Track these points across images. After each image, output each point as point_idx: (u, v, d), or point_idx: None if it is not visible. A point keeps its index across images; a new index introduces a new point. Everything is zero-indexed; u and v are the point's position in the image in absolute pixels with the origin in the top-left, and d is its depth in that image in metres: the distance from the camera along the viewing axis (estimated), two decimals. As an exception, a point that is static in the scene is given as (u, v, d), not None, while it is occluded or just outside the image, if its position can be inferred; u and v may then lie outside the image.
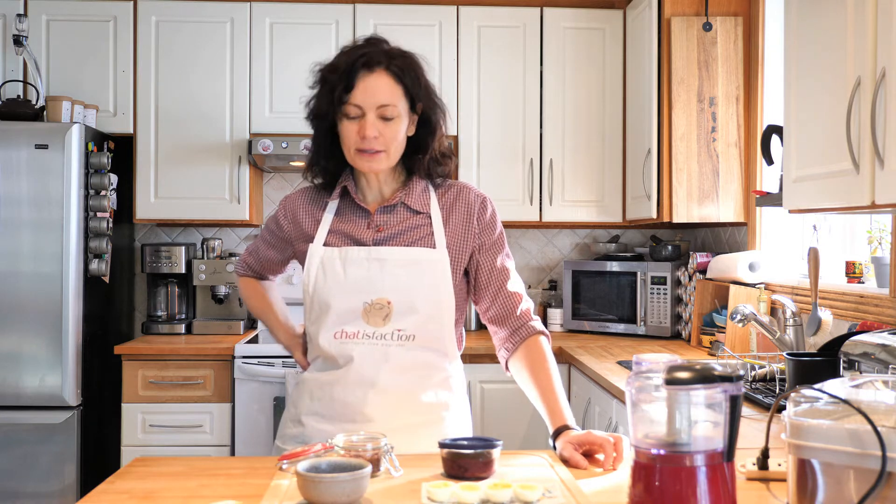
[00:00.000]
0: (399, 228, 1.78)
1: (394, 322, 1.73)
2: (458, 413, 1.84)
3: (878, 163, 1.82)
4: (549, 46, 3.87)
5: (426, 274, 1.75)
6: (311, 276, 1.78)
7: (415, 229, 1.78)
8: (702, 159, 3.42)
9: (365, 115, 1.70)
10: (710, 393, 1.12)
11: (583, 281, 3.94)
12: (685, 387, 1.11)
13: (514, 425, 3.49)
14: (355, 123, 1.71)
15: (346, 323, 1.74)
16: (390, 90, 1.71)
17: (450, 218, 1.81)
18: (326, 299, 1.75)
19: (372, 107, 1.69)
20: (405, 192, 1.80)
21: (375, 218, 1.79)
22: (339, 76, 1.70)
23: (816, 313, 2.53)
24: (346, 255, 1.76)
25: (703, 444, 1.13)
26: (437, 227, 1.79)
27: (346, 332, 1.74)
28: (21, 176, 3.30)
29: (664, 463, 1.13)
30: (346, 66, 1.69)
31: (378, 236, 1.77)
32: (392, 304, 1.72)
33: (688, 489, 1.12)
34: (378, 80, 1.70)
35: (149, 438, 3.42)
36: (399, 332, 1.73)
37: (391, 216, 1.80)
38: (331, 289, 1.75)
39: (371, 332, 1.73)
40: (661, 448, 1.13)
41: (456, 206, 1.82)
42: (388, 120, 1.71)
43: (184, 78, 3.78)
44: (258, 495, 1.40)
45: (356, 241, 1.78)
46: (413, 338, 1.73)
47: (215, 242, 3.93)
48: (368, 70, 1.69)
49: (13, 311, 3.30)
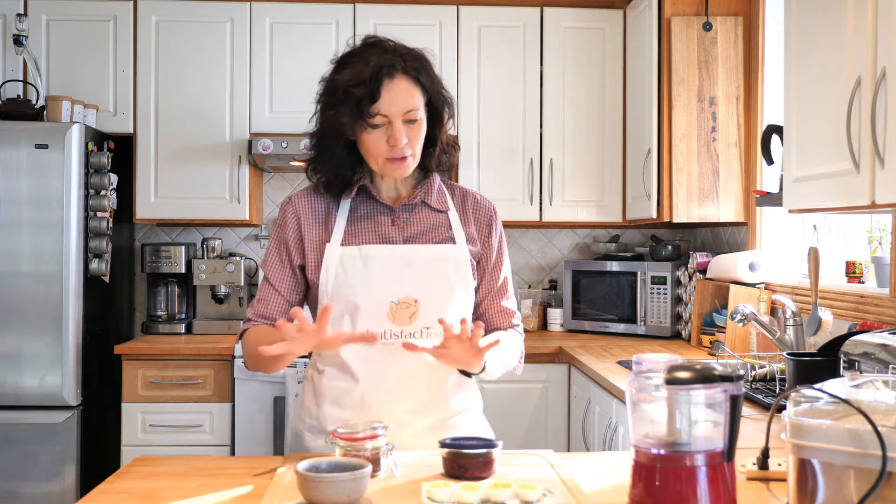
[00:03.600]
0: (424, 226, 1.77)
1: (420, 320, 1.70)
2: (478, 407, 1.85)
3: (879, 162, 1.82)
4: (549, 46, 3.87)
5: (451, 271, 1.74)
6: (329, 276, 1.71)
7: (437, 228, 1.78)
8: (702, 159, 3.42)
9: (392, 122, 1.65)
10: (710, 393, 1.12)
11: (583, 281, 3.94)
12: (685, 387, 1.11)
13: (514, 425, 3.49)
14: (382, 133, 1.66)
15: (371, 323, 1.69)
16: (412, 94, 1.67)
17: (463, 216, 1.81)
18: (350, 298, 1.70)
19: (399, 114, 1.65)
20: (424, 190, 1.79)
21: (399, 214, 1.77)
22: (364, 88, 1.62)
23: (816, 313, 2.53)
24: (368, 253, 1.72)
25: (703, 443, 1.13)
26: (455, 224, 1.79)
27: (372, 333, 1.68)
28: (21, 176, 3.30)
29: (664, 463, 1.13)
30: (370, 77, 1.62)
31: (406, 233, 1.76)
32: (419, 303, 1.70)
33: (688, 489, 1.12)
34: (400, 85, 1.65)
35: (149, 438, 3.42)
36: (427, 329, 1.70)
37: (414, 214, 1.78)
38: (354, 288, 1.70)
39: (398, 331, 1.70)
40: (661, 448, 1.14)
41: (466, 204, 1.83)
42: (413, 123, 1.68)
43: (184, 78, 3.78)
44: (258, 495, 1.40)
45: (382, 239, 1.74)
46: (441, 335, 1.68)
47: (215, 242, 3.93)
48: (390, 78, 1.64)
49: (13, 311, 3.29)
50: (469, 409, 1.81)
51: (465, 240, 1.78)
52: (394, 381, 1.70)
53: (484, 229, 1.83)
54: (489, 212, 1.85)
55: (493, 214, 1.86)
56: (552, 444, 3.45)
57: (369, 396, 1.70)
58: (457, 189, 1.86)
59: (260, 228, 4.19)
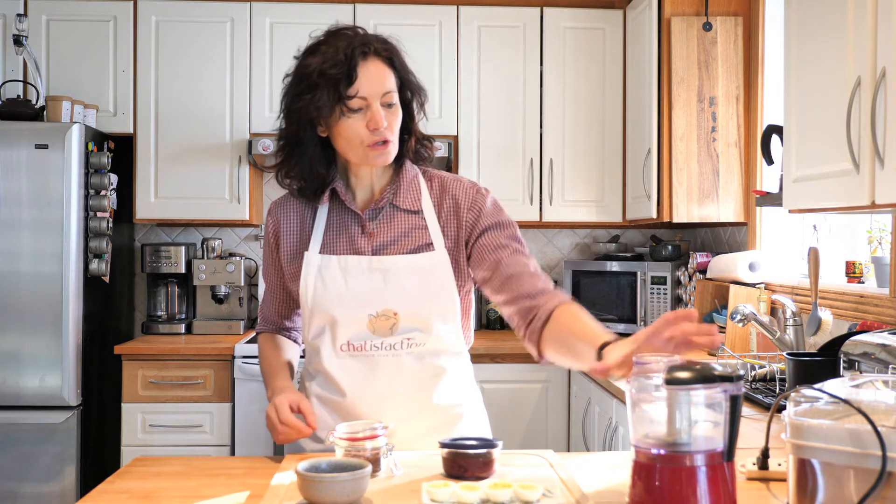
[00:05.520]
0: (395, 233, 1.69)
1: (401, 332, 1.66)
2: (474, 408, 1.80)
3: (878, 163, 1.82)
4: (549, 46, 3.87)
5: (431, 280, 1.67)
6: (308, 286, 1.67)
7: (411, 232, 1.69)
8: (702, 159, 3.42)
9: (370, 105, 1.58)
10: (710, 393, 1.12)
11: (583, 281, 3.94)
12: (685, 387, 1.11)
13: (514, 425, 3.49)
14: (361, 117, 1.59)
15: (352, 335, 1.66)
16: (386, 76, 1.61)
17: (441, 211, 1.71)
18: (329, 311, 1.66)
19: (377, 96, 1.59)
20: (392, 189, 1.70)
21: (366, 223, 1.69)
22: (339, 69, 1.56)
23: (816, 313, 2.53)
24: (346, 264, 1.67)
25: (703, 444, 1.13)
26: (431, 225, 1.69)
27: (353, 345, 1.66)
28: (21, 176, 3.30)
29: (664, 463, 1.13)
30: (345, 58, 1.56)
31: (375, 244, 1.68)
32: (399, 315, 1.65)
33: (688, 489, 1.12)
34: (375, 66, 1.59)
35: (149, 438, 3.42)
36: (408, 339, 1.67)
37: (382, 220, 1.69)
38: (333, 300, 1.66)
39: (379, 342, 1.66)
40: (661, 448, 1.13)
41: (445, 198, 1.71)
42: (390, 107, 1.61)
43: (184, 78, 3.79)
44: (258, 495, 1.40)
45: (353, 249, 1.68)
46: (423, 343, 1.67)
47: (215, 242, 3.93)
48: (364, 59, 1.58)
49: (13, 311, 3.29)
50: (463, 416, 1.76)
51: (444, 234, 1.69)
52: (379, 391, 1.67)
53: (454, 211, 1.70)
54: (458, 194, 1.70)
55: (471, 194, 1.71)
56: (552, 444, 3.45)
57: (356, 407, 1.67)
58: (436, 180, 1.74)
59: (260, 228, 4.19)
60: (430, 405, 1.71)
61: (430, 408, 1.71)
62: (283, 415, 1.61)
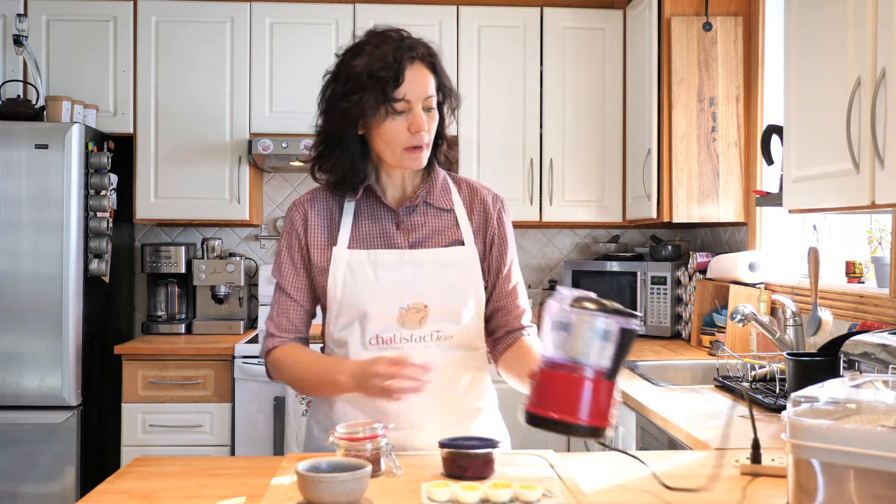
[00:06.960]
0: (429, 229, 1.74)
1: (430, 324, 1.69)
2: (490, 402, 1.84)
3: (878, 163, 1.82)
4: (549, 46, 3.88)
5: (460, 274, 1.71)
6: (337, 281, 1.69)
7: (444, 230, 1.74)
8: (702, 159, 3.42)
9: (412, 108, 1.63)
10: (607, 321, 1.32)
11: (583, 281, 3.94)
12: (587, 312, 1.33)
13: (515, 425, 3.48)
14: (403, 120, 1.63)
15: (381, 328, 1.68)
16: (430, 81, 1.66)
17: (472, 212, 1.77)
18: (359, 305, 1.68)
19: (420, 99, 1.63)
20: (426, 188, 1.75)
21: (402, 219, 1.73)
22: (389, 71, 1.60)
23: (816, 313, 2.53)
24: (376, 258, 1.69)
25: (593, 360, 1.33)
26: (462, 223, 1.75)
27: (382, 338, 1.68)
28: (21, 176, 3.30)
29: (558, 370, 1.34)
30: (394, 60, 1.60)
31: (412, 238, 1.72)
32: (429, 308, 1.68)
33: (574, 395, 1.33)
34: (420, 70, 1.64)
35: (149, 438, 3.42)
36: (437, 332, 1.69)
37: (417, 216, 1.74)
38: (363, 294, 1.68)
39: (408, 335, 1.68)
40: (560, 359, 1.34)
41: (475, 200, 1.78)
42: (430, 111, 1.67)
43: (184, 78, 3.79)
44: (258, 495, 1.40)
45: (388, 244, 1.71)
46: (451, 337, 1.71)
47: (215, 242, 3.93)
48: (411, 62, 1.63)
49: (13, 311, 3.29)
50: (483, 410, 1.80)
51: (474, 239, 1.75)
52: None
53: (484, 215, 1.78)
54: (489, 201, 1.79)
55: (502, 207, 1.81)
56: (552, 444, 3.44)
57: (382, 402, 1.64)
58: (463, 183, 1.82)
59: (260, 229, 4.19)
60: (456, 400, 1.74)
61: (456, 403, 1.74)
62: (405, 364, 1.54)
